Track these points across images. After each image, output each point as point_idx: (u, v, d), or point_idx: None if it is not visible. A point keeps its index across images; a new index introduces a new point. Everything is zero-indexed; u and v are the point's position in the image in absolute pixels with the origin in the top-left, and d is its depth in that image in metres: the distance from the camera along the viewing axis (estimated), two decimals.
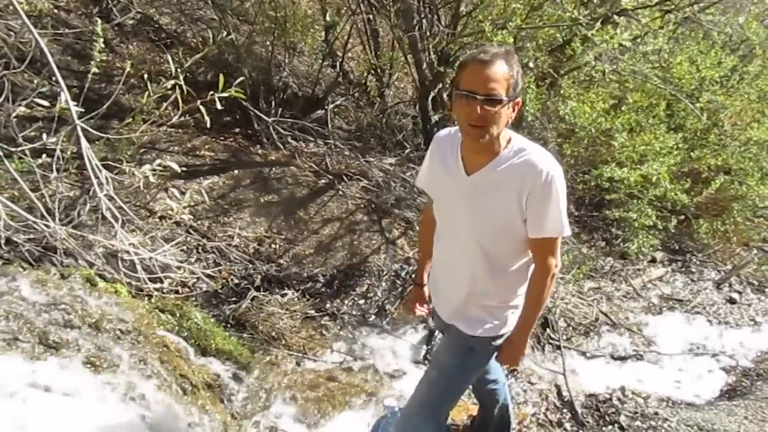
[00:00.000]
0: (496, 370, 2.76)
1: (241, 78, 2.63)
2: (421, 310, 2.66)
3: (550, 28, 4.97)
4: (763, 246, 6.51)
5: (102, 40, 2.57)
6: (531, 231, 2.00)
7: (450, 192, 2.13)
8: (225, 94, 2.49)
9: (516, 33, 4.69)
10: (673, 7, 4.80)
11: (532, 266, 2.18)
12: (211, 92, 2.48)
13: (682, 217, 5.96)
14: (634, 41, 4.66)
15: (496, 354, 2.33)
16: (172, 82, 2.47)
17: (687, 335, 4.91)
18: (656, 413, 3.76)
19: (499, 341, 2.29)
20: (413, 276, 4.37)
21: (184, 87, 2.47)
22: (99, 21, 2.60)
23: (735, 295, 5.58)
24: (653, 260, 5.97)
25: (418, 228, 4.70)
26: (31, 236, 3.36)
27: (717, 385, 4.34)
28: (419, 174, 2.37)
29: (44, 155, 2.83)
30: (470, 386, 2.63)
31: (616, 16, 4.52)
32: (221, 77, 2.49)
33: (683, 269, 5.95)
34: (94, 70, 2.57)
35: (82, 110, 2.50)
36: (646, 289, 5.55)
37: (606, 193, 5.32)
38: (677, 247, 6.24)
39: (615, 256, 5.85)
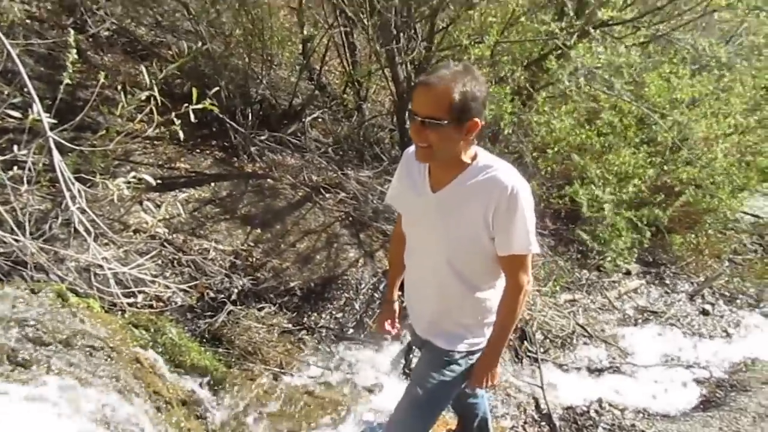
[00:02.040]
0: None
1: (216, 89, 2.61)
2: (389, 331, 2.64)
3: (526, 42, 5.03)
4: (734, 258, 6.63)
5: (75, 51, 2.53)
6: (499, 248, 2.01)
7: (417, 209, 2.13)
8: (199, 106, 2.46)
9: (492, 47, 4.73)
10: (645, 24, 4.89)
11: (503, 282, 2.18)
12: (186, 104, 2.45)
13: (655, 230, 6.03)
14: (608, 56, 4.73)
15: (468, 377, 2.31)
16: (146, 93, 2.44)
17: (662, 347, 4.96)
18: (633, 425, 3.79)
19: (477, 355, 2.29)
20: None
21: (159, 98, 2.44)
22: (72, 32, 2.56)
23: (708, 307, 5.66)
24: (628, 273, 6.04)
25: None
26: (1, 250, 3.28)
27: (692, 397, 4.39)
28: (389, 191, 2.38)
29: (15, 167, 2.77)
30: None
31: (592, 30, 4.58)
32: (194, 90, 2.46)
33: (657, 281, 6.03)
34: (67, 81, 2.53)
35: (55, 122, 2.45)
36: (621, 301, 5.61)
37: (581, 208, 5.38)
38: (651, 260, 6.32)
39: (591, 268, 5.90)
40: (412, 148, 2.20)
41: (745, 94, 5.56)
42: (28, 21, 5.17)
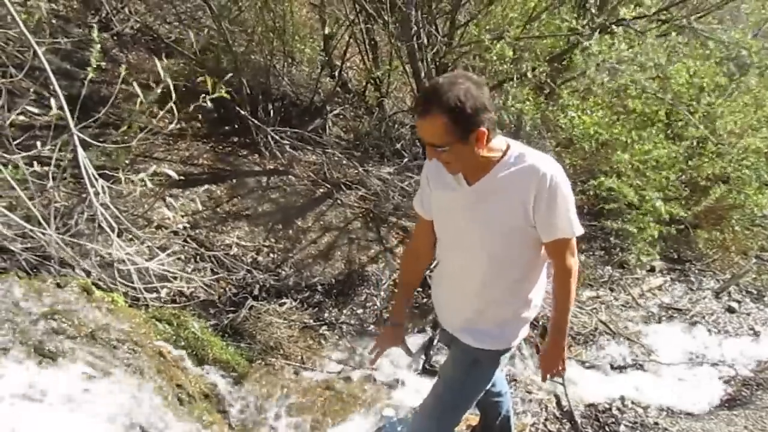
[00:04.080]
0: (501, 381, 2.74)
1: (230, 75, 2.63)
2: (376, 358, 2.54)
3: (548, 38, 4.98)
4: (762, 255, 6.50)
5: (99, 48, 2.57)
6: (543, 235, 2.00)
7: (453, 205, 2.11)
8: (215, 95, 2.49)
9: (514, 44, 4.70)
10: (670, 17, 4.82)
11: (543, 274, 2.18)
12: (203, 95, 2.48)
13: (681, 226, 5.95)
14: (631, 50, 4.67)
15: (540, 370, 2.31)
16: (163, 86, 2.47)
17: (686, 344, 4.88)
18: (656, 423, 3.74)
19: (507, 354, 2.27)
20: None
21: (174, 93, 2.46)
22: (96, 29, 2.60)
23: (734, 304, 5.56)
24: (652, 269, 5.95)
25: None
26: (28, 245, 3.35)
27: (716, 395, 4.31)
28: (418, 200, 2.33)
29: (40, 164, 2.82)
30: None
31: (614, 26, 4.53)
32: (209, 79, 2.49)
33: (682, 278, 5.93)
34: (91, 76, 2.57)
35: (79, 118, 2.50)
36: (645, 298, 5.53)
37: (604, 203, 5.32)
38: (676, 256, 6.23)
39: (614, 265, 5.83)
40: None
41: None
42: (54, 20, 5.26)
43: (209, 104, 2.47)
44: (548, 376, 2.31)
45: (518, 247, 2.06)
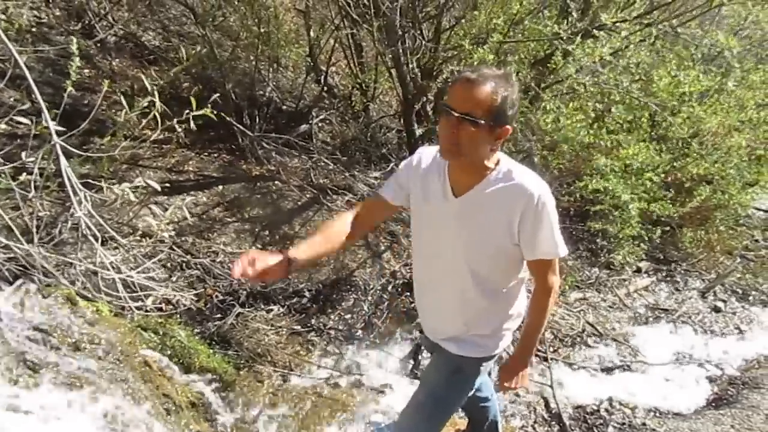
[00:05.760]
0: (487, 386, 2.74)
1: (219, 93, 2.63)
2: (244, 271, 1.92)
3: (531, 42, 5.01)
4: (746, 254, 6.57)
5: (78, 58, 2.56)
6: (527, 253, 1.99)
7: (436, 214, 2.08)
8: (199, 113, 2.48)
9: (497, 48, 4.72)
10: (651, 21, 4.85)
11: (523, 288, 2.18)
12: (187, 111, 2.47)
13: (666, 227, 5.99)
14: (614, 54, 4.69)
15: (497, 378, 2.31)
16: (149, 99, 2.46)
17: (673, 345, 4.92)
18: (644, 424, 3.76)
19: (490, 362, 2.27)
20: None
21: (160, 106, 2.45)
22: (75, 39, 2.58)
23: (720, 304, 5.61)
24: (638, 270, 6.00)
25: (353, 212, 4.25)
26: (11, 255, 3.31)
27: (703, 395, 4.35)
28: (388, 182, 2.22)
29: (24, 173, 2.80)
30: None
31: (595, 31, 4.56)
32: (192, 99, 2.48)
33: (668, 279, 5.98)
34: (71, 89, 2.55)
35: (63, 129, 2.48)
36: (631, 299, 5.57)
37: (591, 205, 5.34)
38: (662, 257, 6.28)
39: (600, 266, 5.87)
40: (427, 150, 2.16)
41: (757, 88, 5.50)
42: (33, 28, 5.22)
43: (192, 125, 2.44)
44: (506, 389, 2.31)
45: (500, 263, 2.06)
